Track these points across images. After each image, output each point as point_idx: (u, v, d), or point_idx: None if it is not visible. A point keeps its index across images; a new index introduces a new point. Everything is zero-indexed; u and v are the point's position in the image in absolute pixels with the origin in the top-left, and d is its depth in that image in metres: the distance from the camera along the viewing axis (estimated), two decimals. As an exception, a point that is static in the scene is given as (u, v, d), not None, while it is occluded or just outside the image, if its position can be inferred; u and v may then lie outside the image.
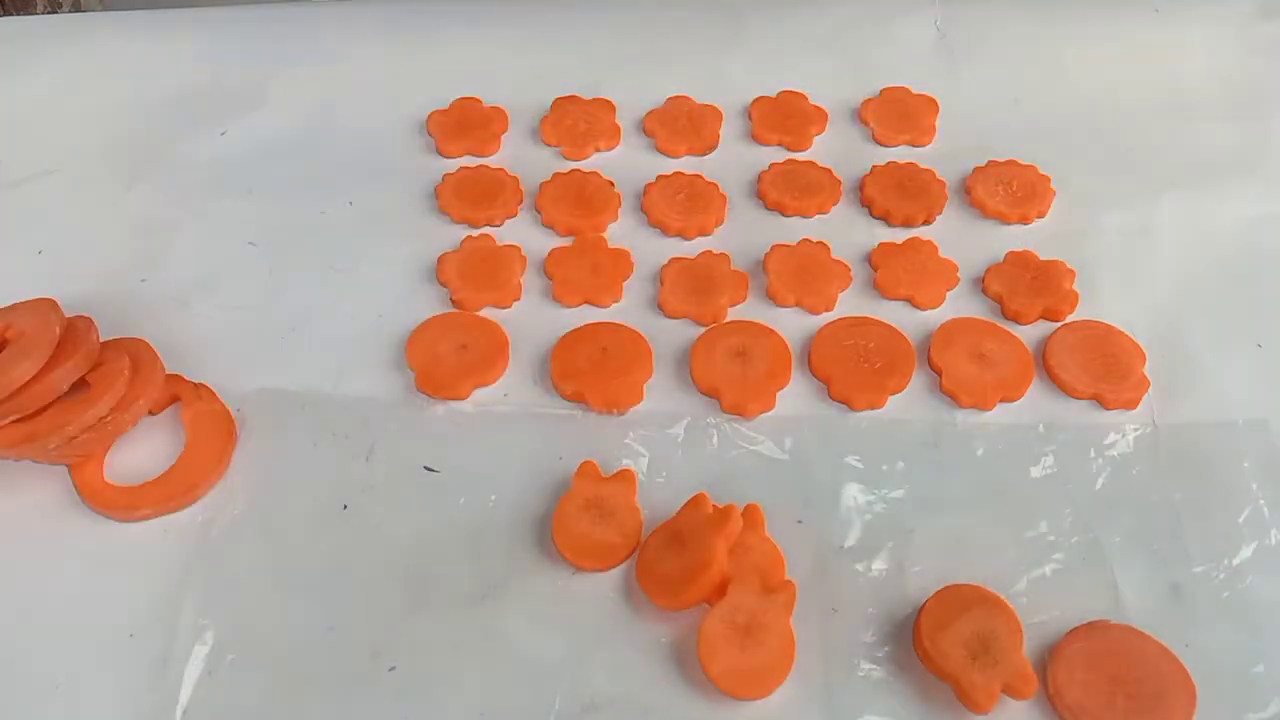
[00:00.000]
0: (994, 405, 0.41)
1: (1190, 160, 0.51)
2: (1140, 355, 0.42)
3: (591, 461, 0.38)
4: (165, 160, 0.51)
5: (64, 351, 0.38)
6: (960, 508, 0.38)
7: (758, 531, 0.36)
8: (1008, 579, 0.36)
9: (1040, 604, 0.35)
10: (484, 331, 0.43)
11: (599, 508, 0.37)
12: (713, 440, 0.39)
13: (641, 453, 0.39)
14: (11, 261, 0.46)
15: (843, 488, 0.38)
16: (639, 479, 0.38)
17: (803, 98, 0.54)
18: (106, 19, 0.64)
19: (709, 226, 0.48)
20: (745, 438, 0.40)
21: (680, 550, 0.35)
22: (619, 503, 0.37)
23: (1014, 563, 0.36)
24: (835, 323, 0.43)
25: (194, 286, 0.45)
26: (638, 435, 0.39)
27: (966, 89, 0.55)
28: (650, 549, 0.36)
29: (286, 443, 0.39)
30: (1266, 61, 0.57)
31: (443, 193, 0.49)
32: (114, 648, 0.34)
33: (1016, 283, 0.45)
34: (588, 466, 0.38)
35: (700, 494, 0.37)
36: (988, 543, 0.37)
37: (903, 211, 0.48)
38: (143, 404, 0.39)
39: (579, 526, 0.36)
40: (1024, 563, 0.36)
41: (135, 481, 0.38)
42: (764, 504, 0.37)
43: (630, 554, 0.36)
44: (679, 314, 0.44)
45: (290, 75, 0.55)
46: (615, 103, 0.53)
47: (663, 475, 0.39)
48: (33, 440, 0.36)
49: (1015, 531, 0.37)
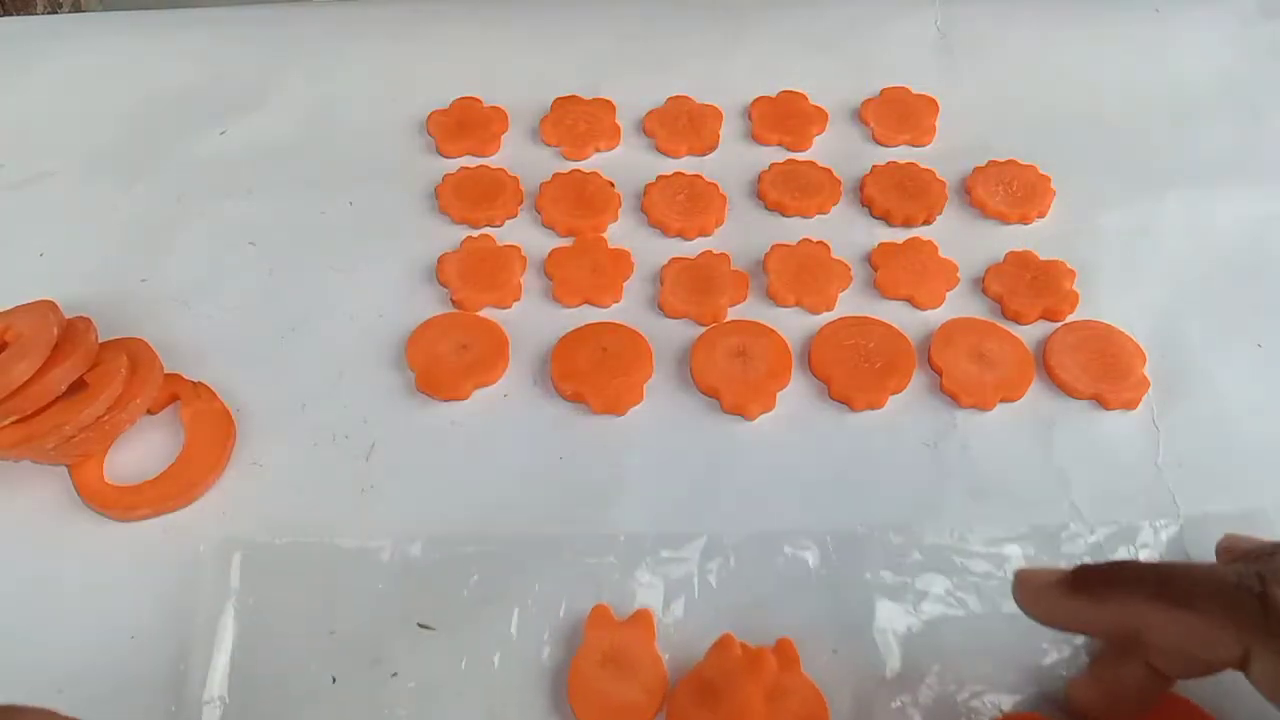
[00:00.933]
0: (994, 405, 0.41)
1: (1190, 160, 0.51)
2: (1140, 355, 0.42)
3: (603, 607, 0.35)
4: (165, 160, 0.51)
5: (62, 351, 0.38)
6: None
7: (793, 670, 0.33)
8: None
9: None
10: (484, 331, 0.43)
11: (617, 661, 0.34)
12: (730, 562, 0.36)
13: (654, 585, 0.36)
14: (11, 262, 0.46)
15: (875, 607, 0.35)
16: (656, 617, 0.35)
17: (803, 98, 0.54)
18: (106, 19, 0.64)
19: (709, 226, 0.48)
20: (767, 550, 0.36)
21: (714, 705, 0.32)
22: (639, 652, 0.34)
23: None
24: (835, 323, 0.43)
25: (194, 286, 0.45)
26: (650, 563, 0.36)
27: (966, 89, 0.55)
28: (680, 705, 0.33)
29: (286, 443, 0.39)
30: (1266, 61, 0.57)
31: (443, 193, 0.49)
32: (113, 648, 0.34)
33: (1016, 283, 0.45)
34: (600, 613, 0.35)
35: (726, 636, 0.34)
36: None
37: (903, 211, 0.48)
38: (141, 403, 0.39)
39: (597, 685, 0.33)
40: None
41: (134, 481, 0.38)
42: (794, 631, 0.34)
43: (657, 712, 0.33)
44: (679, 314, 0.44)
45: (290, 75, 0.55)
46: (615, 103, 0.53)
47: (680, 609, 0.35)
48: (31, 440, 0.36)
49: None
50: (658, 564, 0.36)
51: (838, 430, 0.40)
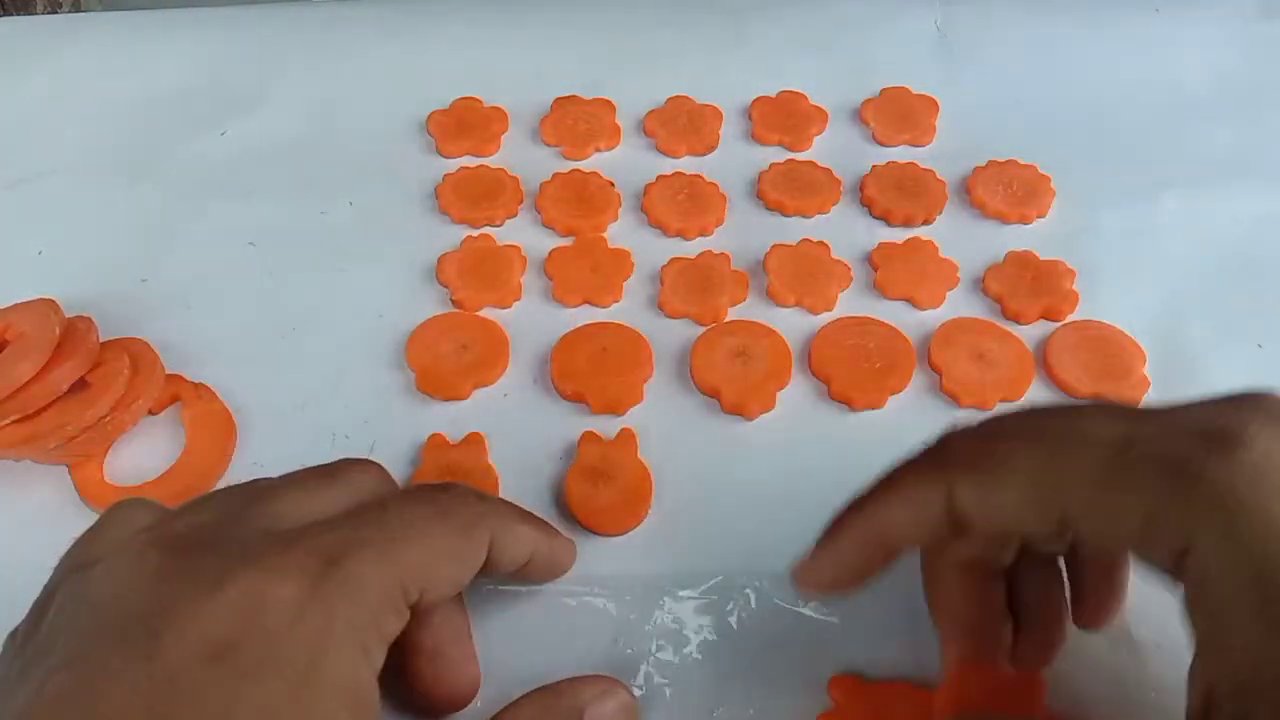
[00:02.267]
0: (994, 405, 0.41)
1: (1190, 160, 0.51)
2: (1140, 355, 0.42)
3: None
4: (165, 160, 0.51)
5: (63, 351, 0.38)
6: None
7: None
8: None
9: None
10: (484, 331, 0.43)
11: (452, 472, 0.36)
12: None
13: (664, 681, 0.33)
14: (11, 261, 0.46)
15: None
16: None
17: (803, 98, 0.54)
18: (106, 19, 0.64)
19: (709, 226, 0.48)
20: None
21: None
22: (470, 467, 0.36)
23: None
24: (835, 323, 0.43)
25: (194, 286, 0.45)
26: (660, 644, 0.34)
27: (966, 89, 0.55)
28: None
29: (286, 443, 0.39)
30: (1266, 61, 0.57)
31: (443, 193, 0.49)
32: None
33: (1016, 283, 0.45)
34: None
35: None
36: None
37: (903, 211, 0.48)
38: (142, 404, 0.39)
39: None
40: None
41: (135, 481, 0.38)
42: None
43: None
44: (679, 314, 0.44)
45: (290, 75, 0.55)
46: (615, 103, 0.53)
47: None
48: (32, 440, 0.36)
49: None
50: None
51: (838, 430, 0.40)
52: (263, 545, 0.25)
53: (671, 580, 0.35)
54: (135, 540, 0.26)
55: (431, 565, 0.27)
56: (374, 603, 0.25)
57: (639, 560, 0.36)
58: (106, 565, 0.26)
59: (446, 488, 0.30)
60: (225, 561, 0.25)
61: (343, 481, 0.29)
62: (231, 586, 0.24)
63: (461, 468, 0.38)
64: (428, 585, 0.27)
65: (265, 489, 0.28)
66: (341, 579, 0.25)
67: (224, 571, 0.24)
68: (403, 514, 0.27)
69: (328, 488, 0.28)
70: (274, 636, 0.23)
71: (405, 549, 0.26)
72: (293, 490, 0.28)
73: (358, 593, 0.25)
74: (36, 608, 0.27)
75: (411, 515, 0.27)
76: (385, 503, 0.28)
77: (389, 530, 0.26)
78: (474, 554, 0.29)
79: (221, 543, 0.26)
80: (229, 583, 0.24)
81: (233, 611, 0.24)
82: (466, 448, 0.39)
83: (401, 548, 0.26)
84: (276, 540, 0.25)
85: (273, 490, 0.28)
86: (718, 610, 0.34)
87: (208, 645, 0.23)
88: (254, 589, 0.24)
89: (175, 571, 0.25)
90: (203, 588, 0.24)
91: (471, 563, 0.29)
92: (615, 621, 0.34)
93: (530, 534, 0.31)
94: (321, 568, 0.25)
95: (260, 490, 0.28)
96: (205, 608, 0.24)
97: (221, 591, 0.24)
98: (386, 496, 0.29)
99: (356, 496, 0.29)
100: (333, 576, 0.25)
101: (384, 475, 0.31)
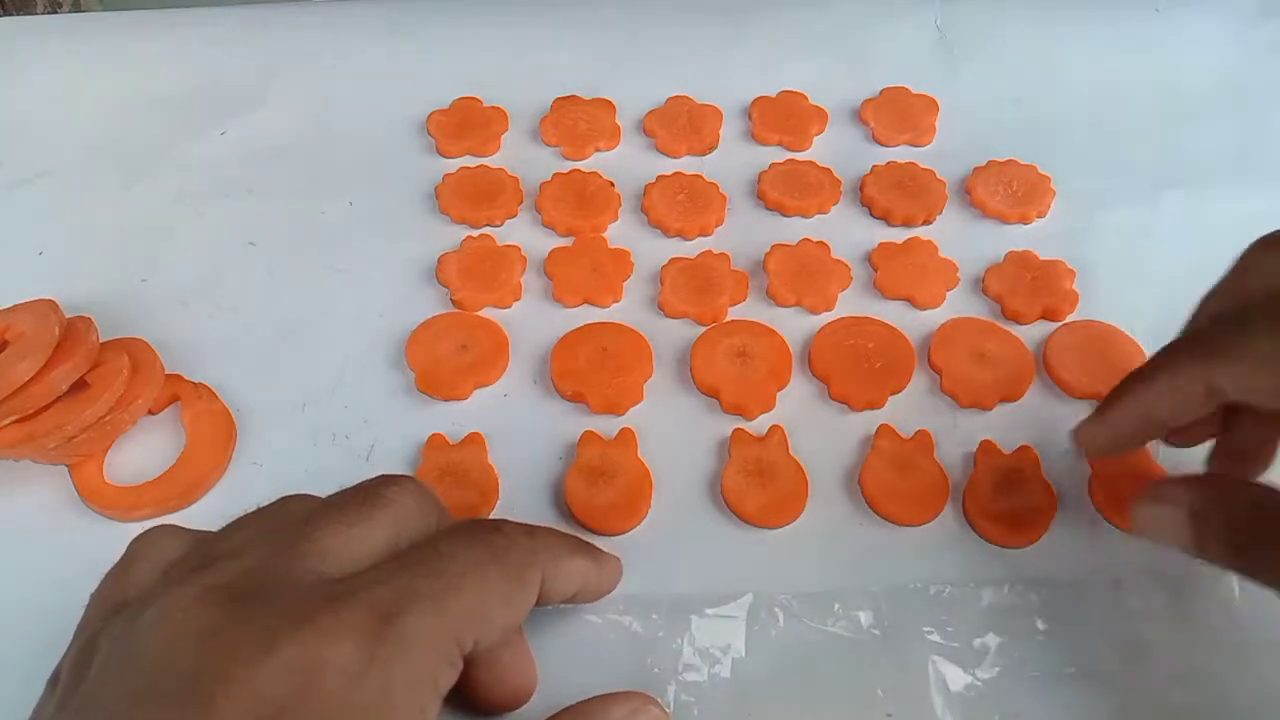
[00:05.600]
0: (994, 405, 0.41)
1: (1190, 160, 0.51)
2: (1140, 355, 0.42)
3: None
4: (165, 160, 0.51)
5: (63, 351, 0.38)
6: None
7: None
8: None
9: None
10: (484, 331, 0.43)
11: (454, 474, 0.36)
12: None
13: (691, 700, 0.33)
14: (11, 261, 0.46)
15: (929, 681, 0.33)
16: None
17: (803, 98, 0.54)
18: (106, 19, 0.64)
19: (709, 226, 0.48)
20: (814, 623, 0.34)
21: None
22: (472, 465, 0.36)
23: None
24: (835, 323, 0.43)
25: (194, 286, 0.45)
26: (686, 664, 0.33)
27: (966, 89, 0.55)
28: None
29: (286, 443, 0.39)
30: (1266, 61, 0.57)
31: (443, 193, 0.49)
32: (114, 648, 0.34)
33: (1016, 283, 0.45)
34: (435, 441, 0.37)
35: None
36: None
37: (903, 211, 0.48)
38: (142, 404, 0.39)
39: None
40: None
41: (135, 481, 0.38)
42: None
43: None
44: (679, 314, 0.44)
45: (290, 75, 0.55)
46: (615, 103, 0.53)
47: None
48: (33, 440, 0.36)
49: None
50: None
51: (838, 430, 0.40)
52: (315, 600, 0.24)
53: (702, 599, 0.35)
54: (181, 590, 0.25)
55: (485, 613, 0.26)
56: (430, 661, 0.25)
57: (642, 560, 0.36)
58: (152, 617, 0.24)
59: (499, 526, 0.29)
60: (278, 618, 0.24)
61: (383, 507, 0.28)
62: (287, 647, 0.23)
63: (461, 468, 0.38)
64: (480, 634, 0.26)
65: (304, 520, 0.27)
66: (398, 639, 0.24)
67: (277, 630, 0.23)
68: (455, 559, 0.26)
69: (369, 518, 0.27)
70: (332, 702, 0.23)
71: (459, 599, 0.26)
72: (333, 521, 0.27)
73: (413, 653, 0.24)
74: (77, 653, 0.26)
75: (465, 561, 0.27)
76: (437, 544, 0.27)
77: (443, 580, 0.26)
78: (527, 598, 0.28)
79: (270, 591, 0.25)
80: (284, 642, 0.23)
81: (289, 674, 0.23)
82: (466, 448, 0.39)
83: (455, 598, 0.26)
84: (329, 593, 0.25)
85: (313, 523, 0.27)
86: (746, 629, 0.34)
87: (264, 709, 0.22)
88: (309, 651, 0.23)
89: (226, 627, 0.24)
90: (256, 647, 0.23)
91: (524, 606, 0.28)
92: (642, 641, 0.34)
93: (580, 566, 0.31)
94: (377, 625, 0.24)
95: (299, 521, 0.27)
96: (260, 670, 0.23)
97: (277, 652, 0.23)
98: (436, 535, 0.28)
99: (401, 527, 0.28)
100: (389, 636, 0.24)
101: (423, 494, 0.29)
